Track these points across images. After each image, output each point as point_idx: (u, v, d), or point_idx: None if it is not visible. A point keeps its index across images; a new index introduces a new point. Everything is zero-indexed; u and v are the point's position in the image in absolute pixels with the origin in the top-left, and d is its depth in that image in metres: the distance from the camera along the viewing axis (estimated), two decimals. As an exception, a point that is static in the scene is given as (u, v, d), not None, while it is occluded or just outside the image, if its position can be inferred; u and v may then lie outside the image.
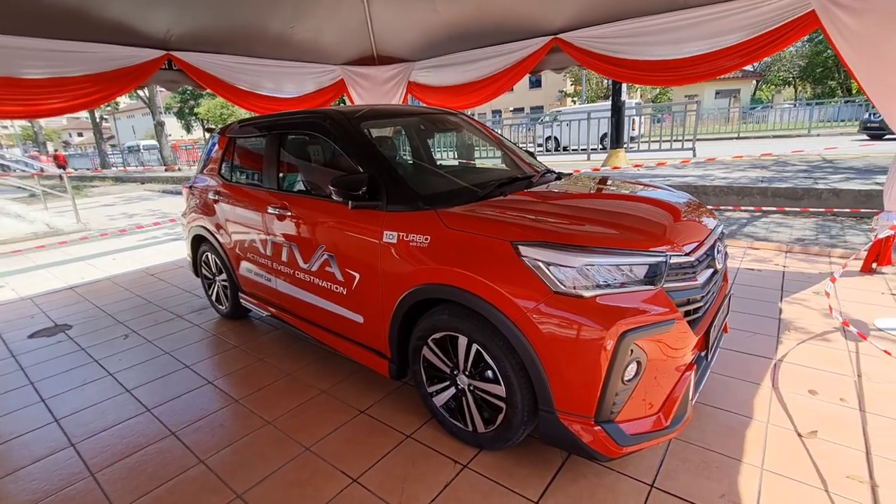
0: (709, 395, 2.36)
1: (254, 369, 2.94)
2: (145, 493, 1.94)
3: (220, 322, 3.74)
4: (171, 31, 4.53)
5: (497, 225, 1.86)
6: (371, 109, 2.78)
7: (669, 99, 34.24)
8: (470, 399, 2.02)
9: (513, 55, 5.50)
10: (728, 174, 8.50)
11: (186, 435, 2.31)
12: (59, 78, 4.09)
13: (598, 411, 1.66)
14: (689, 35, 4.23)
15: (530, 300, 1.68)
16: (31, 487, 2.01)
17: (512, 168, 3.09)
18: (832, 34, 3.56)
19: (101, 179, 22.72)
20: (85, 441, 2.31)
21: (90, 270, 5.64)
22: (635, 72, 4.73)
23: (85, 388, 2.84)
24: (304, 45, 5.61)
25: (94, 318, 4.01)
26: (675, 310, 1.69)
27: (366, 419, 2.35)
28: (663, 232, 1.84)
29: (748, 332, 3.00)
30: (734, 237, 5.49)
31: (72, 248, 6.97)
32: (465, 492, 1.84)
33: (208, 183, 3.54)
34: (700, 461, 1.93)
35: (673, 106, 14.57)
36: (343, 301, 2.47)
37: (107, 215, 10.80)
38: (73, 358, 3.26)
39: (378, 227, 2.18)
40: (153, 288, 4.75)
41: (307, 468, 2.03)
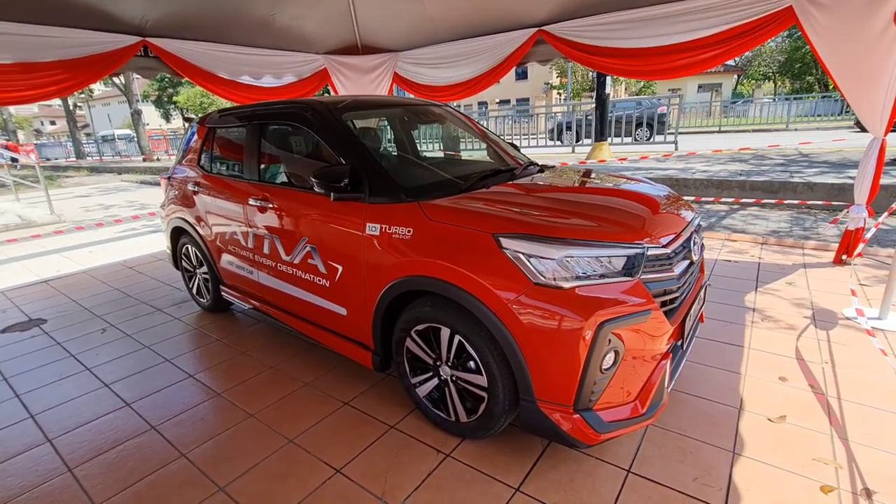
0: (685, 382, 2.42)
1: (236, 362, 2.92)
2: (125, 487, 1.92)
3: (201, 315, 3.70)
4: (147, 16, 4.40)
5: (479, 217, 1.88)
6: (354, 100, 2.76)
7: (653, 93, 34.60)
8: (452, 389, 2.04)
9: (499, 48, 5.49)
10: (708, 167, 8.66)
11: (167, 429, 2.29)
12: (28, 63, 3.95)
13: (577, 400, 1.69)
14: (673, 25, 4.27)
15: (511, 291, 1.70)
16: (7, 484, 1.98)
17: (496, 160, 3.10)
18: (807, 30, 3.64)
19: (76, 170, 22.07)
20: (62, 436, 2.28)
21: (65, 263, 5.50)
22: (620, 62, 4.77)
23: (62, 383, 2.79)
24: (285, 32, 5.51)
25: (71, 312, 3.92)
26: (651, 300, 1.73)
27: (349, 411, 2.36)
28: (641, 224, 1.87)
29: (723, 322, 3.09)
30: (713, 229, 5.61)
31: (46, 241, 6.77)
32: (447, 480, 1.87)
33: (187, 174, 3.47)
34: (675, 447, 1.99)
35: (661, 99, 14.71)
36: (326, 293, 2.46)
37: (82, 206, 10.50)
38: (49, 353, 3.19)
39: (360, 219, 2.17)
40: (132, 281, 4.66)
41: (290, 460, 2.03)
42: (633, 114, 13.02)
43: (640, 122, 13.03)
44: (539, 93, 39.61)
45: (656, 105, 13.19)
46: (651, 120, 12.73)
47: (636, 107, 13.68)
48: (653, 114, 12.74)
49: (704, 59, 4.16)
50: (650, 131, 12.70)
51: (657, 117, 12.63)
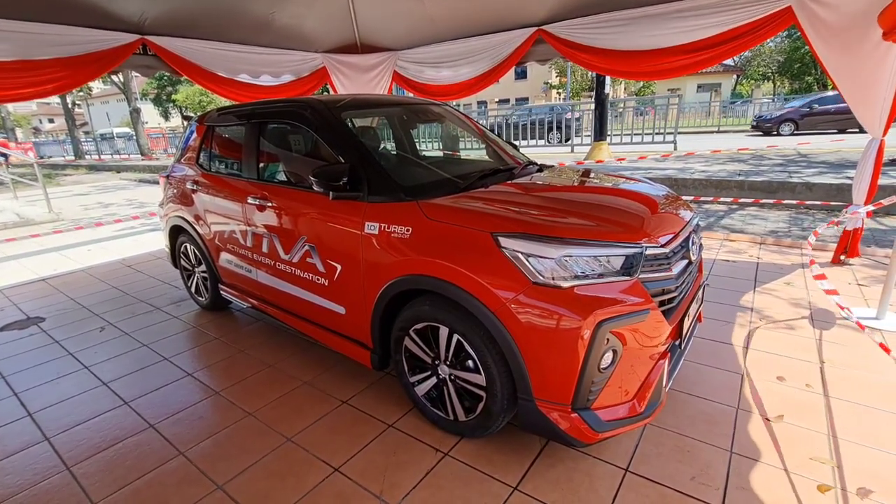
0: (683, 382, 2.43)
1: (234, 361, 2.92)
2: (123, 485, 1.92)
3: (199, 314, 3.70)
4: (146, 14, 4.38)
5: (477, 216, 1.88)
6: (353, 99, 2.76)
7: (653, 92, 34.63)
8: (451, 388, 2.05)
9: (498, 48, 5.49)
10: (707, 167, 8.67)
11: (165, 427, 2.29)
12: (27, 61, 3.94)
13: (575, 399, 1.69)
14: (671, 25, 4.27)
15: (509, 291, 1.70)
16: (5, 482, 1.98)
17: (495, 159, 3.11)
18: (807, 30, 3.64)
19: (75, 168, 22.02)
20: (60, 435, 2.28)
21: (64, 262, 5.49)
22: (618, 63, 4.77)
23: (59, 381, 2.78)
24: (284, 31, 5.50)
25: (69, 310, 3.92)
26: (650, 300, 1.74)
27: (348, 409, 2.36)
28: (640, 224, 1.88)
29: (722, 322, 3.09)
30: (711, 229, 5.62)
31: (44, 239, 6.76)
32: (446, 479, 1.87)
33: (186, 172, 3.47)
34: (673, 446, 1.99)
35: (656, 99, 14.74)
36: (325, 292, 2.46)
37: (81, 205, 10.49)
38: (47, 351, 3.19)
39: (359, 218, 2.17)
40: (130, 279, 4.65)
41: (288, 458, 2.03)
42: (546, 118, 14.74)
43: (552, 126, 14.74)
44: (538, 92, 39.62)
45: (566, 110, 15.09)
46: (560, 124, 14.60)
47: (548, 112, 15.41)
48: (561, 118, 14.62)
49: (703, 59, 4.16)
50: (560, 134, 14.47)
51: (565, 122, 14.48)
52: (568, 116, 14.39)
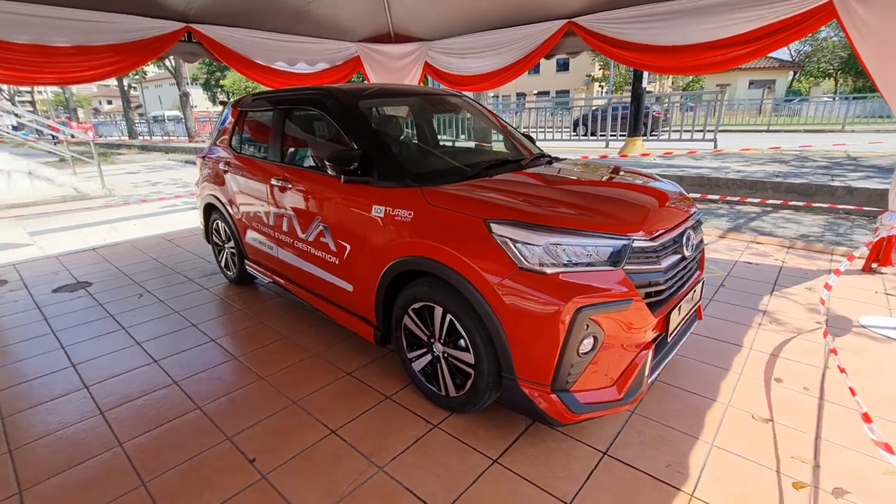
0: (676, 376, 2.46)
1: (254, 331, 3.15)
2: (147, 430, 2.16)
3: (227, 287, 3.97)
4: (191, 3, 4.65)
5: (473, 203, 1.97)
6: (370, 88, 2.89)
7: (701, 87, 33.22)
8: (444, 365, 2.17)
9: (527, 39, 5.49)
10: (745, 167, 8.34)
11: (187, 384, 2.53)
12: (84, 47, 4.28)
13: (555, 380, 1.78)
14: (707, 19, 4.17)
15: (497, 274, 1.80)
16: (48, 420, 2.26)
17: (510, 150, 3.18)
18: (848, 26, 3.50)
19: (128, 148, 23.33)
20: (97, 384, 2.55)
21: (112, 233, 5.95)
22: (647, 57, 4.70)
23: (100, 338, 3.09)
24: (321, 20, 5.68)
25: (113, 277, 4.28)
26: (634, 291, 1.79)
27: (351, 380, 2.53)
28: (630, 217, 1.93)
29: (729, 322, 3.07)
30: (739, 230, 5.47)
31: (96, 213, 7.31)
32: (432, 447, 2.01)
33: (220, 154, 3.71)
34: (655, 435, 2.05)
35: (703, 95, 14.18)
36: (335, 270, 2.63)
37: (131, 182, 11.19)
38: (92, 312, 3.52)
39: (368, 201, 2.31)
40: (169, 252, 5.01)
41: (293, 419, 2.22)
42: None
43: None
44: (580, 85, 38.71)
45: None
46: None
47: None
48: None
49: (737, 56, 4.06)
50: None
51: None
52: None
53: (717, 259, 4.34)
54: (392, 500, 1.74)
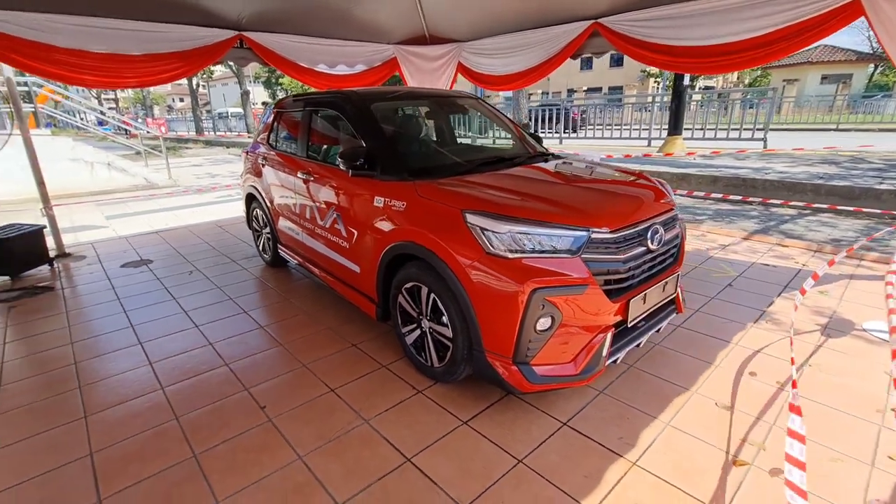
0: (654, 365, 2.60)
1: (281, 306, 3.57)
2: (184, 379, 2.60)
3: (263, 268, 4.45)
4: (243, 13, 5.17)
5: (454, 196, 2.24)
6: (384, 91, 3.20)
7: (768, 83, 31.23)
8: (429, 339, 2.45)
9: (554, 40, 5.62)
10: (790, 168, 7.96)
11: (219, 345, 2.97)
12: (152, 54, 4.89)
13: (516, 353, 2.02)
14: (730, 19, 4.16)
15: (469, 258, 2.06)
16: (108, 366, 2.76)
17: (514, 148, 3.40)
18: (875, 24, 3.43)
19: (195, 142, 25.23)
20: (148, 342, 3.05)
21: (173, 219, 6.68)
22: (672, 58, 4.72)
23: (154, 306, 3.63)
24: (360, 24, 6.07)
25: (170, 256, 4.90)
26: (590, 277, 1.99)
27: (355, 350, 2.87)
28: (592, 210, 2.12)
29: (724, 319, 3.14)
30: (767, 233, 5.34)
31: (162, 200, 8.17)
32: (413, 407, 2.30)
33: (259, 149, 4.17)
34: (616, 413, 2.23)
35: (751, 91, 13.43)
36: (346, 253, 2.97)
37: (194, 174, 12.25)
38: (151, 285, 4.10)
39: (371, 193, 2.63)
40: (219, 237, 5.60)
41: (301, 378, 2.58)
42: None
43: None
44: (634, 81, 37.44)
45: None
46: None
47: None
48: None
49: (760, 56, 4.03)
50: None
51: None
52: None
53: (733, 260, 4.33)
54: (370, 445, 2.05)
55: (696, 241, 4.95)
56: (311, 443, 2.08)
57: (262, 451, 2.03)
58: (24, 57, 4.17)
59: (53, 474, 1.94)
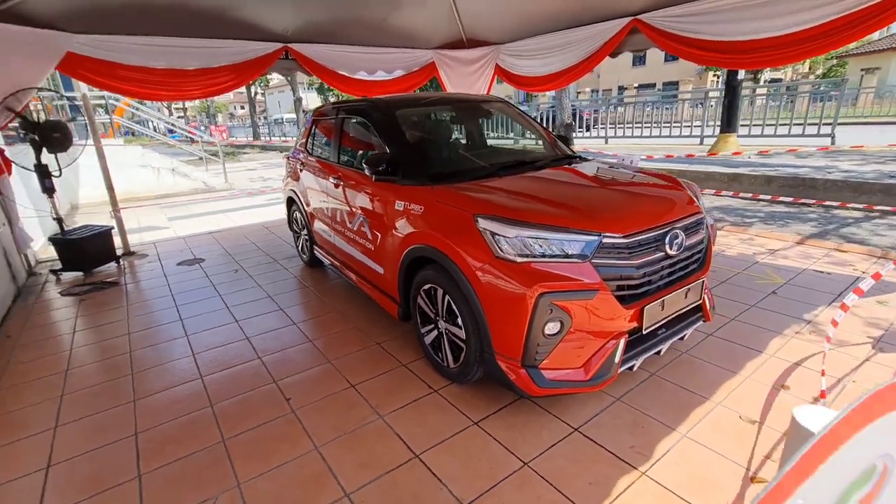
0: (678, 373, 2.52)
1: (314, 304, 3.75)
2: (221, 370, 2.81)
3: (302, 268, 4.68)
4: (288, 27, 5.47)
5: (467, 200, 2.28)
6: (408, 98, 3.30)
7: (844, 72, 28.74)
8: (445, 340, 2.51)
9: (591, 39, 5.53)
10: (858, 166, 7.30)
11: (255, 340, 3.17)
12: (206, 68, 5.28)
13: (524, 356, 2.03)
14: (776, 12, 3.94)
15: (479, 262, 2.10)
16: (158, 354, 3.03)
17: (542, 150, 3.40)
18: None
19: (251, 148, 26.69)
20: (193, 335, 3.31)
21: (225, 221, 7.15)
22: (716, 54, 4.52)
23: (202, 302, 3.92)
24: (398, 32, 6.23)
25: (220, 255, 5.26)
26: (600, 282, 1.97)
27: (378, 349, 2.98)
28: (605, 215, 2.09)
29: (761, 328, 2.97)
30: (824, 237, 4.96)
31: (216, 203, 8.75)
32: (427, 406, 2.37)
33: (298, 155, 4.40)
34: (631, 420, 2.18)
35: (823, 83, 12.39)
36: (371, 255, 3.09)
37: (248, 178, 12.99)
38: (200, 281, 4.43)
39: (393, 197, 2.73)
40: (264, 238, 5.94)
41: (325, 373, 2.72)
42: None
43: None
44: (691, 75, 35.65)
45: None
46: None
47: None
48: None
49: (807, 50, 3.79)
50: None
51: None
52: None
53: (781, 266, 4.07)
54: (383, 439, 2.14)
55: (741, 246, 4.69)
56: (329, 435, 2.19)
57: (284, 440, 2.17)
58: (94, 74, 4.63)
59: (103, 450, 2.17)
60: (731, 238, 4.97)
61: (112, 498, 1.90)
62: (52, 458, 2.14)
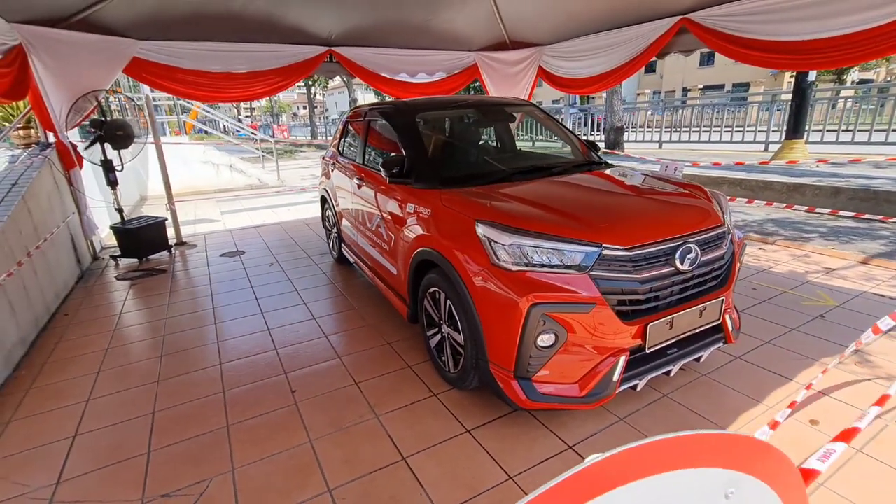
0: (692, 397, 2.36)
1: (336, 301, 3.86)
2: (238, 358, 2.96)
3: (331, 264, 4.83)
4: (332, 31, 5.66)
5: (470, 205, 2.26)
6: (431, 101, 3.31)
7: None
8: (447, 344, 2.50)
9: (637, 40, 5.31)
10: (951, 179, 6.48)
11: (275, 332, 3.31)
12: (255, 71, 5.57)
13: (517, 367, 1.98)
14: (836, 10, 3.59)
15: (477, 268, 2.07)
16: (189, 341, 3.24)
17: (565, 155, 3.30)
18: None
19: (308, 146, 27.86)
20: (221, 323, 3.51)
21: (271, 216, 7.51)
22: (769, 55, 4.19)
23: (235, 292, 4.15)
24: (441, 34, 6.26)
25: (260, 248, 5.53)
26: (598, 296, 1.88)
27: (387, 349, 3.02)
28: (607, 225, 1.99)
29: (797, 354, 2.72)
30: (894, 257, 4.44)
31: (267, 199, 9.21)
32: (423, 409, 2.37)
33: (331, 155, 4.54)
34: (631, 443, 2.07)
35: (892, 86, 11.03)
36: (386, 255, 3.13)
37: (300, 175, 13.57)
38: (238, 272, 4.68)
39: (405, 199, 2.75)
40: (303, 234, 6.19)
41: (332, 369, 2.79)
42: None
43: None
44: (764, 76, 33.22)
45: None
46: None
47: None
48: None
49: (869, 52, 3.43)
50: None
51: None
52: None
53: (836, 287, 3.70)
54: (374, 439, 2.16)
55: (793, 262, 4.31)
56: (324, 429, 2.25)
57: (281, 430, 2.25)
58: (156, 77, 5.02)
59: (124, 425, 2.35)
60: (782, 253, 4.59)
61: (123, 469, 2.05)
62: (80, 429, 2.34)
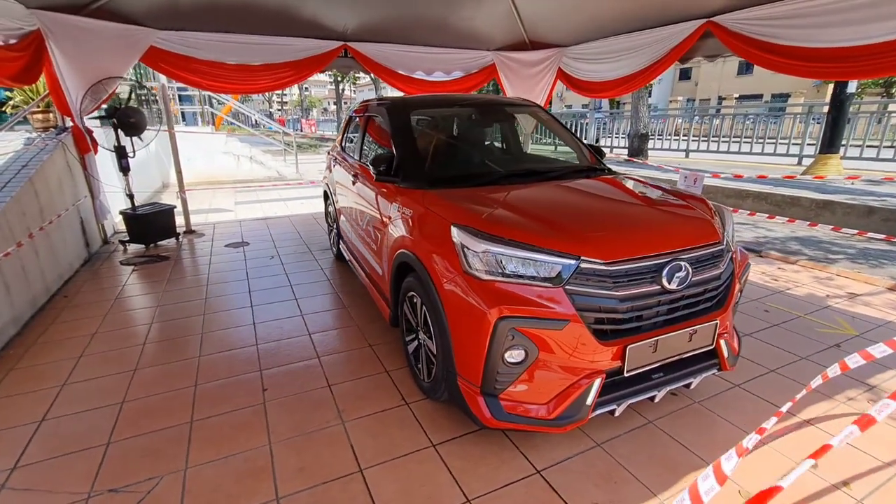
0: (677, 424, 2.19)
1: (327, 298, 3.80)
2: (219, 351, 2.92)
3: (330, 260, 4.78)
4: (348, 25, 5.62)
5: (449, 208, 2.14)
6: (426, 99, 3.21)
7: None
8: (422, 352, 2.39)
9: (660, 43, 5.09)
10: None
11: (260, 327, 3.27)
12: (269, 64, 5.58)
13: (484, 383, 1.86)
14: (877, 14, 3.32)
15: (449, 274, 1.95)
16: (185, 326, 3.22)
17: (570, 159, 3.16)
18: None
19: (332, 141, 28.21)
20: (210, 314, 3.49)
21: (282, 208, 7.54)
22: (798, 62, 3.93)
23: (231, 283, 4.14)
24: (458, 32, 6.15)
25: (264, 240, 5.54)
26: (572, 313, 1.74)
27: (368, 351, 2.93)
28: (588, 236, 1.84)
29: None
30: (928, 285, 4.10)
31: (282, 191, 9.28)
32: (391, 419, 2.27)
33: (335, 150, 4.49)
34: (605, 472, 1.92)
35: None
36: (375, 255, 3.04)
37: (318, 169, 13.65)
38: (237, 263, 4.69)
39: (391, 198, 2.66)
40: (308, 228, 6.18)
41: (308, 370, 2.72)
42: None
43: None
44: (807, 86, 31.85)
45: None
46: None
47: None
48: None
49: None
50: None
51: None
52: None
53: (858, 314, 3.43)
54: (334, 446, 2.07)
55: (814, 285, 4.03)
56: (286, 433, 2.17)
57: (243, 431, 2.18)
58: (173, 67, 5.07)
59: (91, 413, 2.33)
60: (803, 274, 4.30)
61: (79, 459, 2.02)
62: (48, 414, 2.33)
